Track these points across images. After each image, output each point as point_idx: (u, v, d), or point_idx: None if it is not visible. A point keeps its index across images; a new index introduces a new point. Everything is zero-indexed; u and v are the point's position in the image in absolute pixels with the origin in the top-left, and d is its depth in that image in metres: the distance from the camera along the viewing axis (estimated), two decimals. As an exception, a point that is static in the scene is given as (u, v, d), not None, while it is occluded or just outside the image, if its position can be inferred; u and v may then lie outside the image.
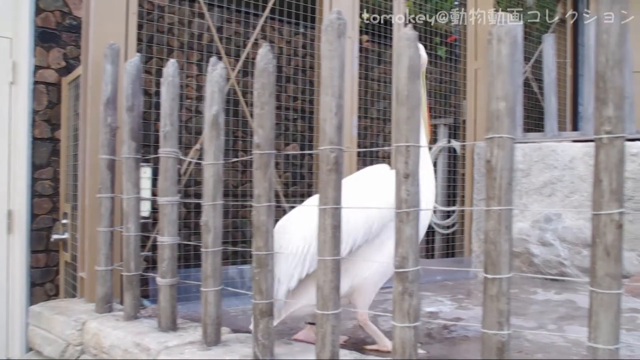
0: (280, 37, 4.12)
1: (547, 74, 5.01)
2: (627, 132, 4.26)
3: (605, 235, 1.42)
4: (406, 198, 1.65)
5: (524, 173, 4.65)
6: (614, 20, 1.38)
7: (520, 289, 4.08)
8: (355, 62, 4.06)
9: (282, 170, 4.09)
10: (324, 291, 1.87)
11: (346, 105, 3.93)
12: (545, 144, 4.66)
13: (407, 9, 4.87)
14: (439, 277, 4.55)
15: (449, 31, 5.24)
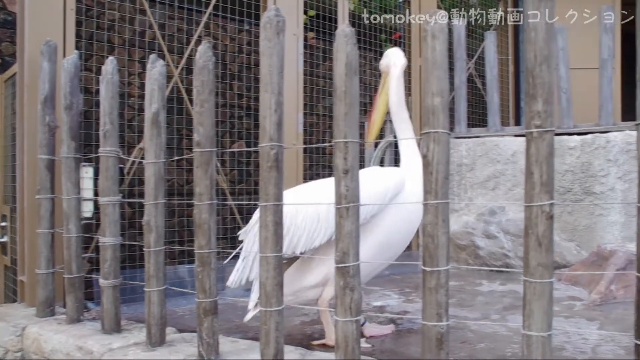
0: (225, 34, 4.08)
1: (489, 71, 5.12)
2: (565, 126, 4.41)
3: (537, 226, 1.46)
4: (345, 194, 1.66)
5: (469, 167, 4.75)
6: (541, 18, 1.42)
7: (466, 281, 4.16)
8: (300, 59, 4.06)
9: (228, 168, 4.06)
10: (267, 288, 1.87)
11: (292, 102, 3.95)
12: (488, 138, 4.78)
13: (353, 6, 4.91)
14: (387, 271, 4.59)
15: (394, 28, 5.29)
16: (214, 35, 4.04)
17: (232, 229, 4.03)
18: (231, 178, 4.12)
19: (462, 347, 2.52)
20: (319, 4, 4.53)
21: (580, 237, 4.41)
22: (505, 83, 6.42)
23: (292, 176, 4.03)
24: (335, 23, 4.51)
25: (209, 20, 3.92)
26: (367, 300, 3.56)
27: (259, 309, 2.34)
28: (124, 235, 3.34)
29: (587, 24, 5.20)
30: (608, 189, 4.32)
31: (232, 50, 4.13)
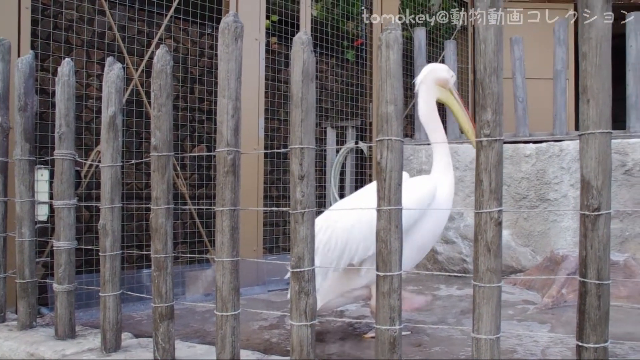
0: (186, 37, 4.07)
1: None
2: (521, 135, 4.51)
3: (486, 232, 1.51)
4: (301, 199, 1.68)
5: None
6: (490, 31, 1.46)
7: (424, 286, 4.22)
8: (262, 63, 4.07)
9: (188, 172, 4.04)
10: (223, 292, 1.87)
11: (253, 107, 3.96)
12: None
13: (316, 12, 4.94)
14: (348, 276, 4.63)
15: (356, 35, 5.35)
16: (175, 38, 4.02)
17: (191, 233, 4.02)
18: (192, 182, 4.10)
19: (417, 350, 2.56)
20: (281, 9, 4.55)
21: (535, 242, 4.51)
22: (465, 91, 6.54)
23: (252, 181, 4.03)
24: (298, 28, 4.54)
25: (170, 23, 3.90)
26: (326, 305, 3.58)
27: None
28: (81, 239, 3.30)
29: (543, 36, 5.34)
30: (561, 196, 4.43)
31: (193, 53, 4.12)
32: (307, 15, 4.55)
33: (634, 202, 4.33)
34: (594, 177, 1.46)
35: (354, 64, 5.34)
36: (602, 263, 1.48)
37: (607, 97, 1.45)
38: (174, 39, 4.03)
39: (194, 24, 4.07)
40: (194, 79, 4.08)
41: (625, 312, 3.27)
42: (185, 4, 3.88)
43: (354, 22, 5.36)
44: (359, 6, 5.30)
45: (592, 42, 1.45)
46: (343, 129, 5.25)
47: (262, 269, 4.12)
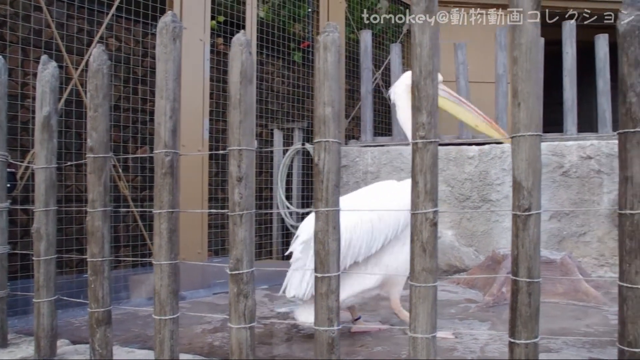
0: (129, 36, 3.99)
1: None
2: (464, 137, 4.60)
3: (422, 233, 1.53)
4: (239, 201, 1.67)
5: (374, 175, 4.86)
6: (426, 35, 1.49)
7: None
8: (206, 64, 4.04)
9: (131, 174, 3.96)
10: (161, 296, 1.84)
11: (197, 108, 3.92)
12: (393, 147, 4.91)
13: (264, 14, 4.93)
14: (294, 277, 4.62)
15: (303, 37, 5.36)
16: (118, 37, 3.94)
17: (134, 236, 3.94)
18: (135, 184, 4.03)
19: (360, 350, 2.58)
20: (227, 10, 4.52)
21: (478, 242, 4.61)
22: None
23: (197, 182, 3.99)
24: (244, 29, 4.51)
25: (113, 22, 3.82)
26: (272, 307, 3.57)
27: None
28: (17, 243, 3.20)
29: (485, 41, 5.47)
30: (503, 197, 4.55)
31: (137, 53, 4.05)
32: (252, 16, 4.53)
33: (570, 202, 4.48)
34: (524, 178, 1.50)
35: (301, 66, 5.35)
36: (533, 262, 1.52)
37: (536, 101, 1.49)
38: (116, 38, 3.95)
39: (137, 23, 4.00)
40: (137, 79, 4.01)
41: (561, 309, 3.37)
42: (128, 2, 3.81)
43: (300, 24, 5.37)
44: (306, 8, 5.32)
45: (523, 48, 1.49)
46: (290, 130, 5.25)
47: (207, 272, 4.07)
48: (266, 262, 4.90)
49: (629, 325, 1.46)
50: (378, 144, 5.11)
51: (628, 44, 1.42)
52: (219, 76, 4.44)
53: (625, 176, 1.47)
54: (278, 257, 5.09)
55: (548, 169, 4.52)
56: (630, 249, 1.47)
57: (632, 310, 1.46)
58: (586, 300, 3.50)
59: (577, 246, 4.51)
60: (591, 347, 2.56)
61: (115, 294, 3.68)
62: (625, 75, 1.43)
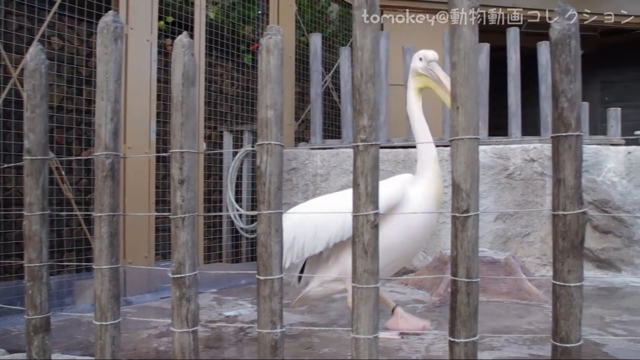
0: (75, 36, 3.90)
1: (344, 84, 5.30)
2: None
3: (363, 235, 1.54)
4: (181, 204, 1.65)
5: (323, 177, 4.88)
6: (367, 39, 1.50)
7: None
8: (154, 65, 3.98)
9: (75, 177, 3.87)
10: (102, 301, 1.80)
11: (144, 110, 3.86)
12: (342, 150, 4.94)
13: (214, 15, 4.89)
14: (244, 280, 4.61)
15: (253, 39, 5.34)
16: (61, 36, 3.85)
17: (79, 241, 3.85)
18: (79, 187, 3.94)
19: (307, 352, 2.58)
20: (175, 11, 4.47)
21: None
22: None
23: (144, 185, 3.92)
24: (193, 31, 4.47)
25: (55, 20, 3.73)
26: (220, 311, 3.55)
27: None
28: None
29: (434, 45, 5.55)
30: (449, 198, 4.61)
31: (82, 53, 3.96)
32: (201, 17, 4.49)
33: (515, 203, 4.59)
34: (463, 180, 1.54)
35: (251, 68, 5.33)
36: (471, 262, 1.56)
37: (475, 105, 1.53)
38: (60, 37, 3.85)
39: (82, 22, 3.91)
40: (82, 79, 3.92)
41: (505, 307, 3.45)
42: (71, 0, 3.72)
43: (251, 26, 5.35)
44: (256, 10, 5.30)
45: (461, 53, 1.52)
46: (240, 133, 5.23)
47: (154, 276, 4.01)
48: (216, 265, 4.86)
49: (561, 322, 1.51)
50: (327, 146, 5.13)
51: (560, 51, 1.46)
52: (167, 77, 4.38)
53: (558, 178, 1.51)
54: (227, 260, 5.06)
55: (493, 171, 4.63)
56: (563, 248, 1.51)
57: (564, 307, 1.51)
58: (529, 298, 3.60)
59: (522, 246, 4.63)
60: (532, 344, 2.63)
61: (59, 300, 3.59)
62: (558, 82, 1.48)
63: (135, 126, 3.84)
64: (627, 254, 4.36)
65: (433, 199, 2.76)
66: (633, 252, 4.36)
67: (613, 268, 4.40)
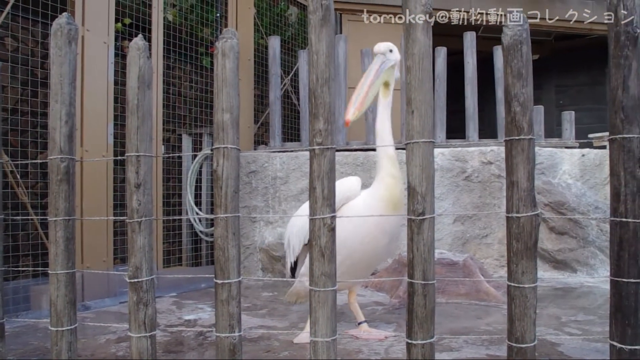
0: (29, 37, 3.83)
1: (302, 88, 5.32)
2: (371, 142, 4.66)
3: (320, 238, 1.56)
4: (137, 208, 1.64)
5: (283, 180, 4.88)
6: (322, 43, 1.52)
7: (280, 292, 4.25)
8: (111, 67, 3.93)
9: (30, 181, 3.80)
10: (58, 306, 1.78)
11: (101, 113, 3.81)
12: (301, 152, 4.95)
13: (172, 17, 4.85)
14: (204, 284, 4.58)
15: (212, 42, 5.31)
16: (15, 36, 3.77)
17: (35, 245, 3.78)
18: (35, 191, 3.87)
19: (266, 356, 2.58)
20: (133, 13, 4.42)
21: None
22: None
23: (101, 188, 3.87)
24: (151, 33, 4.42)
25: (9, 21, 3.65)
26: (180, 315, 3.52)
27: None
28: None
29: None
30: (409, 201, 4.66)
31: (37, 54, 3.89)
32: (159, 19, 4.45)
33: (473, 206, 4.67)
34: (418, 183, 1.56)
35: (209, 71, 5.30)
36: (427, 264, 1.58)
37: (429, 109, 1.56)
38: (14, 37, 3.77)
39: (37, 23, 3.84)
40: (37, 81, 3.85)
41: (463, 309, 3.51)
42: (25, 1, 3.65)
43: (209, 29, 5.32)
44: (214, 13, 5.28)
45: (416, 58, 1.55)
46: (199, 135, 5.20)
47: (114, 280, 3.96)
48: (175, 269, 4.82)
49: (516, 323, 1.55)
50: (287, 149, 5.13)
51: (512, 56, 1.51)
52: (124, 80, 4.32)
53: (512, 181, 1.56)
54: (187, 263, 5.01)
55: (452, 173, 4.70)
56: (517, 250, 1.55)
57: (519, 308, 1.55)
58: (487, 299, 3.67)
59: (480, 248, 4.70)
60: (489, 345, 2.68)
61: (14, 306, 3.51)
62: (510, 86, 1.52)
63: (92, 129, 3.78)
64: (582, 254, 4.47)
65: (386, 202, 2.66)
66: (588, 252, 4.47)
67: (569, 268, 4.51)
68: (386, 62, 2.72)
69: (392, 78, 2.80)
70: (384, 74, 2.71)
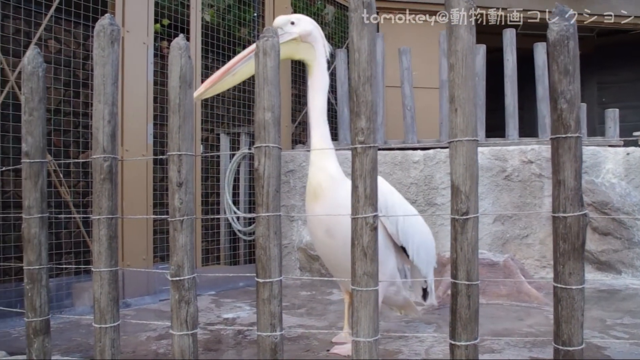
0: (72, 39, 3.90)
1: (340, 87, 5.30)
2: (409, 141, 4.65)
3: (362, 237, 1.54)
4: (179, 207, 1.65)
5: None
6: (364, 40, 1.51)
7: (318, 291, 4.26)
8: (150, 68, 3.97)
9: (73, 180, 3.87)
10: (101, 304, 1.80)
11: (141, 113, 3.86)
12: (339, 152, 4.92)
13: (209, 17, 4.89)
14: (242, 283, 4.61)
15: (249, 41, 5.33)
16: (58, 39, 3.84)
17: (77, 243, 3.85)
18: (78, 190, 3.94)
19: (306, 355, 2.58)
20: (172, 13, 4.46)
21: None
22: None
23: (141, 187, 3.92)
24: (189, 33, 4.47)
25: (52, 24, 3.72)
26: (219, 313, 3.54)
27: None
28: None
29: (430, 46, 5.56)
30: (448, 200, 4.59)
31: (79, 56, 3.96)
32: (197, 20, 4.49)
33: (513, 205, 4.59)
34: (462, 182, 1.53)
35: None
36: (471, 265, 1.55)
37: (473, 107, 1.53)
38: (57, 40, 3.85)
39: (78, 25, 3.91)
40: (79, 82, 3.92)
41: (504, 310, 3.45)
42: (68, 3, 3.72)
43: (247, 29, 5.34)
44: (252, 13, 5.30)
45: (459, 55, 1.52)
46: (237, 135, 5.22)
47: (153, 278, 4.01)
48: (214, 267, 4.86)
49: (563, 325, 1.51)
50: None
51: (558, 52, 1.46)
52: (163, 80, 4.37)
53: (558, 180, 1.51)
54: (226, 262, 5.05)
55: (491, 173, 4.63)
56: (564, 250, 1.51)
57: (566, 310, 1.50)
58: (528, 301, 3.60)
59: (520, 248, 4.62)
60: (532, 347, 2.63)
61: (58, 302, 3.58)
62: (556, 83, 1.48)
63: (132, 129, 3.84)
64: (627, 255, 4.36)
65: (308, 193, 2.50)
66: (633, 253, 4.35)
67: (613, 270, 4.40)
68: (283, 36, 2.50)
69: (310, 54, 2.59)
70: (284, 48, 2.39)
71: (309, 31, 2.56)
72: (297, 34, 2.55)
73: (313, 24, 2.60)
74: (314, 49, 2.58)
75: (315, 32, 2.58)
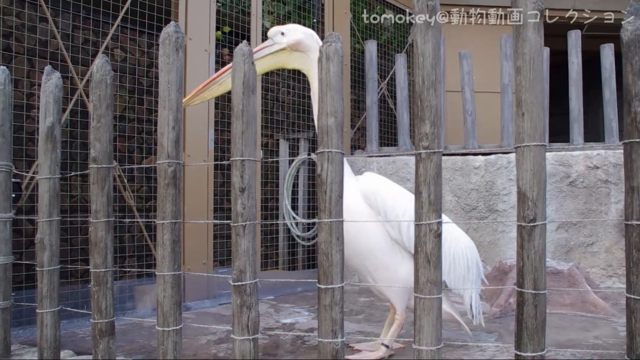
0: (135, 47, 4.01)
1: (399, 92, 5.26)
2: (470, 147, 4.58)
3: (426, 244, 1.51)
4: (242, 212, 1.66)
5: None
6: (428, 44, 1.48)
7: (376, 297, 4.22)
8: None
9: (136, 185, 3.96)
10: (164, 307, 1.83)
11: (202, 119, 3.92)
12: (399, 157, 4.89)
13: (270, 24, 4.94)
14: (300, 288, 4.62)
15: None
16: (124, 48, 3.96)
17: (140, 247, 3.94)
18: (140, 194, 4.03)
19: (365, 362, 2.56)
20: (232, 21, 4.53)
21: (485, 252, 4.57)
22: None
23: (202, 192, 3.98)
24: (250, 40, 4.52)
25: (118, 33, 3.84)
26: (277, 318, 3.56)
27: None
28: (22, 253, 3.20)
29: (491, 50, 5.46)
30: (510, 207, 4.52)
31: (143, 64, 4.06)
32: (258, 26, 4.54)
33: (577, 212, 4.44)
34: (529, 188, 1.49)
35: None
36: (539, 273, 1.50)
37: (540, 111, 1.48)
38: (122, 48, 3.96)
39: (143, 33, 4.01)
40: (143, 89, 4.02)
41: (569, 320, 3.34)
42: (133, 13, 3.83)
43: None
44: (311, 19, 5.33)
45: (526, 57, 1.48)
46: (296, 140, 5.25)
47: (213, 282, 4.06)
48: (272, 272, 4.89)
49: (637, 338, 1.44)
50: (384, 154, 5.09)
51: (632, 53, 1.41)
52: (224, 86, 4.44)
53: (632, 186, 1.45)
54: (284, 267, 5.07)
55: (555, 179, 4.49)
56: (638, 260, 1.45)
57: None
58: (594, 311, 3.47)
59: (585, 256, 4.47)
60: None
61: (121, 305, 3.68)
62: (630, 85, 1.42)
63: (194, 135, 3.91)
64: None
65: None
66: None
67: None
68: (272, 47, 2.59)
69: (305, 63, 2.64)
70: (275, 58, 2.60)
71: (298, 40, 2.60)
72: (285, 44, 2.61)
73: (306, 33, 2.62)
74: (309, 57, 2.61)
75: (307, 41, 2.60)
